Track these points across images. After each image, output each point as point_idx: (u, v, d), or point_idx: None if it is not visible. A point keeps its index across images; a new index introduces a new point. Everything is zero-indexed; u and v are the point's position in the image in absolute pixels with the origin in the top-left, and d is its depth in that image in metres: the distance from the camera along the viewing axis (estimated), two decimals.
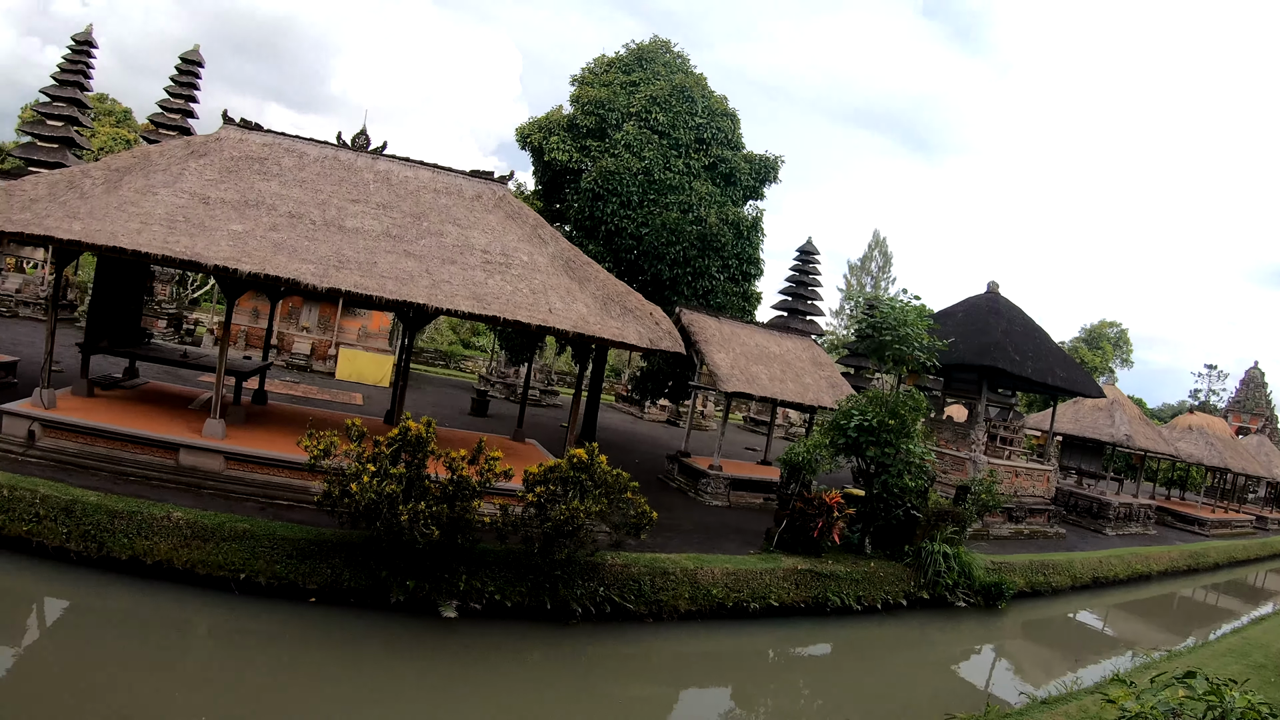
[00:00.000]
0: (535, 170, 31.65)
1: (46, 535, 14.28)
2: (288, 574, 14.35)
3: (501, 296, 17.06)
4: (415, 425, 14.02)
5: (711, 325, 26.51)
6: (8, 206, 16.23)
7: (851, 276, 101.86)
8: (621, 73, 31.47)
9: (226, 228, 16.60)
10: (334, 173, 19.22)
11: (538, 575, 15.37)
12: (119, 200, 16.70)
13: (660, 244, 27.49)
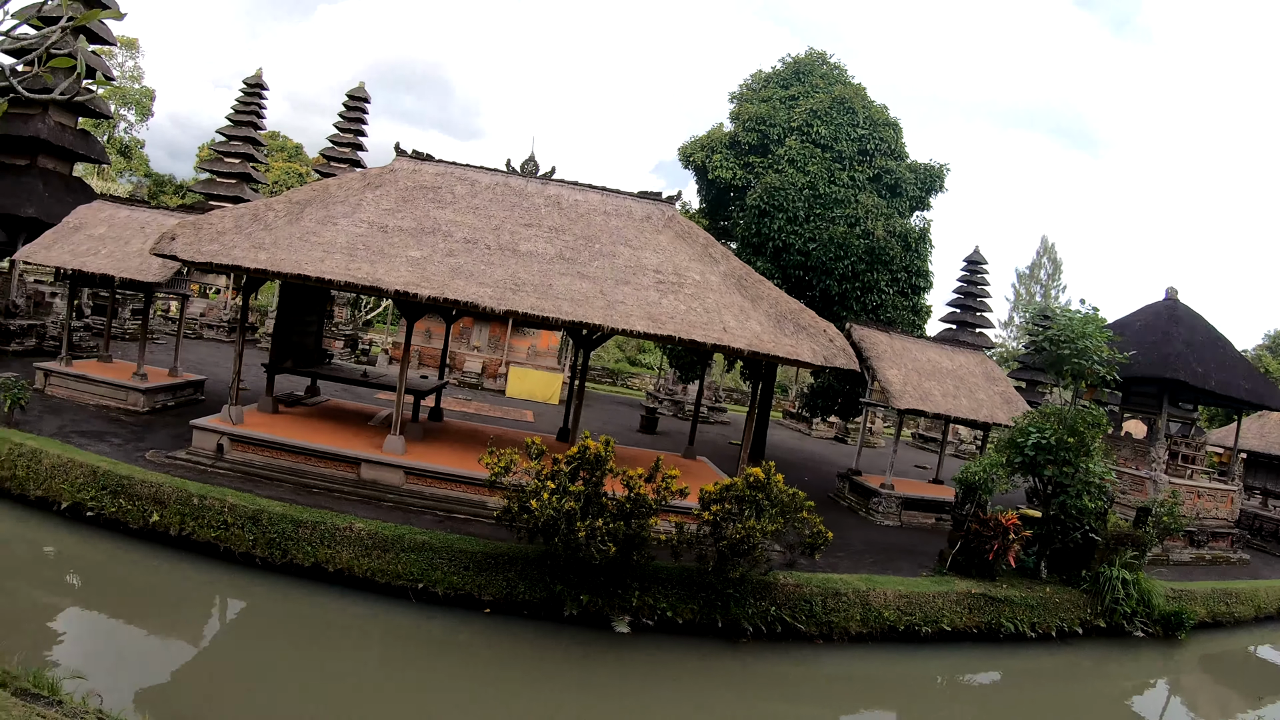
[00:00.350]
0: (699, 189, 31.78)
1: (234, 541, 15.31)
2: (464, 585, 14.85)
3: (676, 316, 17.17)
4: (594, 444, 14.21)
5: (883, 340, 25.99)
6: (197, 239, 17.36)
7: (1020, 285, 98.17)
8: (780, 87, 31.29)
9: (405, 254, 17.30)
10: (505, 198, 19.81)
11: (710, 593, 15.37)
12: (301, 231, 17.66)
13: (828, 259, 27.14)
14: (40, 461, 16.95)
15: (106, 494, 16.16)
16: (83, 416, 21.25)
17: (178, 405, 24.53)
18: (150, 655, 12.61)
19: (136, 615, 13.89)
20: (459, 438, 21.77)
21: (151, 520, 15.68)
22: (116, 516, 15.94)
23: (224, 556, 15.29)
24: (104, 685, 10.16)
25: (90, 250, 22.66)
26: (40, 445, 17.54)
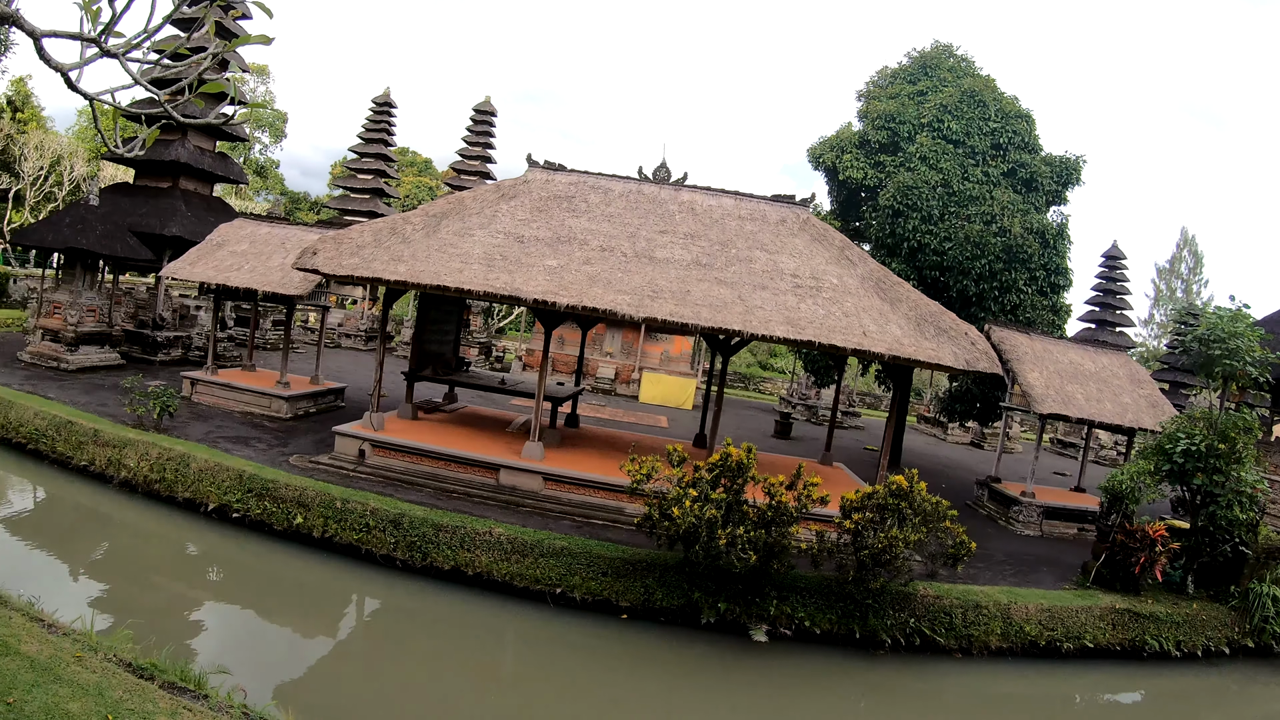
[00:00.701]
0: (829, 190, 31.38)
1: (375, 544, 15.79)
2: (602, 590, 14.95)
3: (815, 321, 16.95)
4: (736, 451, 14.08)
5: (1023, 342, 25.20)
6: (338, 253, 17.88)
7: (1160, 281, 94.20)
8: (907, 83, 30.73)
9: (542, 263, 17.50)
10: (639, 205, 19.86)
11: (848, 603, 15.11)
12: (439, 243, 18.01)
13: (965, 258, 26.48)
14: (189, 465, 17.75)
15: (252, 496, 16.85)
16: (228, 423, 22.10)
17: (319, 412, 25.36)
18: (291, 651, 13.08)
19: (279, 612, 14.42)
20: (595, 444, 21.95)
21: (295, 522, 16.27)
22: (261, 518, 16.61)
23: (365, 558, 15.77)
24: (244, 679, 10.53)
25: (234, 266, 23.60)
26: (188, 450, 18.39)
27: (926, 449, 35.89)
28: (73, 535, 16.80)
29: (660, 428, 31.97)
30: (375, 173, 53.80)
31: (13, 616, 9.99)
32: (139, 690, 8.73)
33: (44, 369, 26.29)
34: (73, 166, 57.82)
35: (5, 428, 20.38)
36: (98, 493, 18.34)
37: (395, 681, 12.34)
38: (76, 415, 20.40)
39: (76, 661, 9.10)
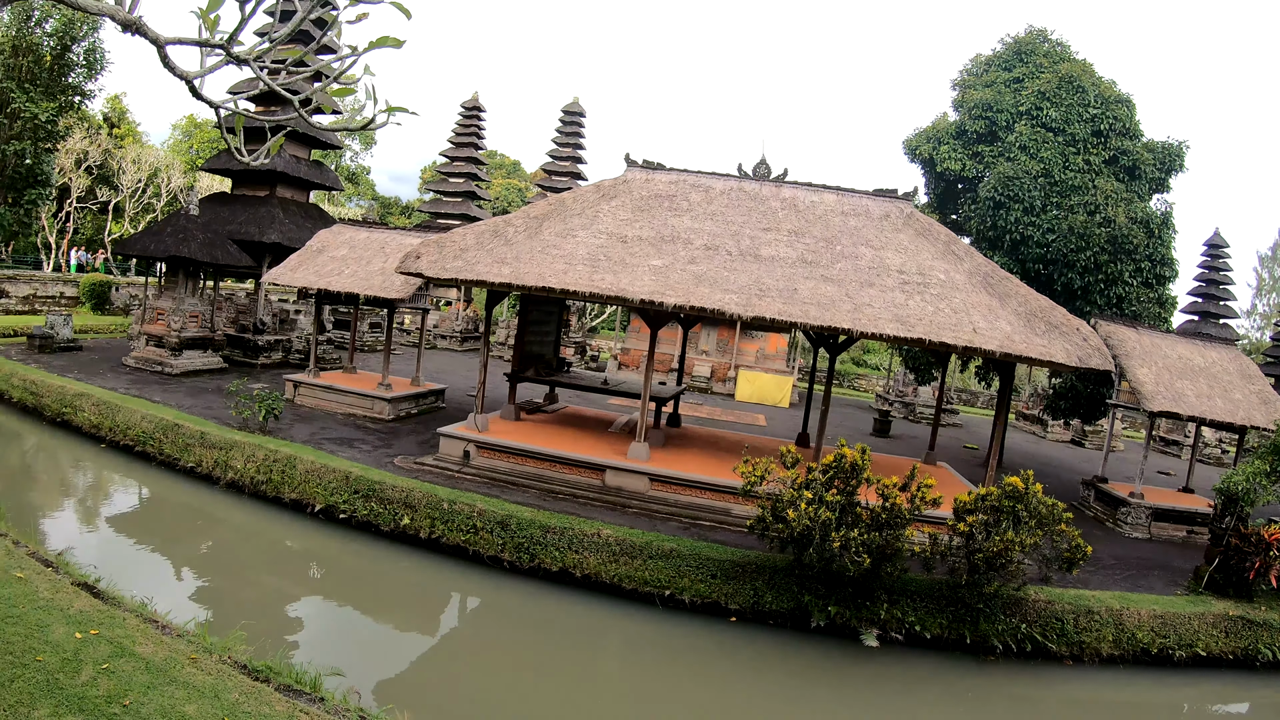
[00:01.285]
0: (926, 182, 30.89)
1: (482, 545, 15.89)
2: (711, 593, 14.82)
3: (924, 318, 16.63)
4: (850, 452, 13.86)
5: (1130, 337, 24.48)
6: (441, 256, 18.07)
7: (1262, 269, 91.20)
8: (1002, 70, 30.06)
9: (647, 263, 17.45)
10: (741, 203, 19.71)
11: (959, 607, 14.79)
12: (541, 244, 18.09)
13: (1068, 250, 25.85)
14: (295, 467, 18.11)
15: (359, 498, 17.09)
16: (331, 424, 22.51)
17: (420, 413, 25.68)
18: (398, 651, 13.23)
19: (386, 613, 14.59)
20: (698, 444, 21.86)
21: (402, 523, 16.46)
22: (368, 519, 16.83)
23: (472, 559, 15.89)
24: (353, 680, 10.73)
25: (334, 270, 24.02)
26: (294, 451, 18.78)
27: (1027, 447, 35.09)
28: (181, 535, 17.19)
29: (759, 426, 31.75)
30: (467, 176, 54.76)
31: (126, 618, 10.15)
32: (255, 693, 8.84)
33: (148, 373, 27.03)
34: (170, 178, 59.54)
35: (114, 430, 20.99)
36: (205, 493, 18.79)
37: (506, 684, 12.44)
38: (183, 418, 20.95)
39: (191, 663, 9.24)
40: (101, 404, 21.93)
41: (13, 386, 24.25)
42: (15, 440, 22.50)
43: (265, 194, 35.39)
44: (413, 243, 23.86)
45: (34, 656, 8.64)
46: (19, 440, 22.49)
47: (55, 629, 9.40)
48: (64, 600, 10.25)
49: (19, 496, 17.82)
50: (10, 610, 9.61)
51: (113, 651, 9.11)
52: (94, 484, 20.15)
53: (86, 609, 10.15)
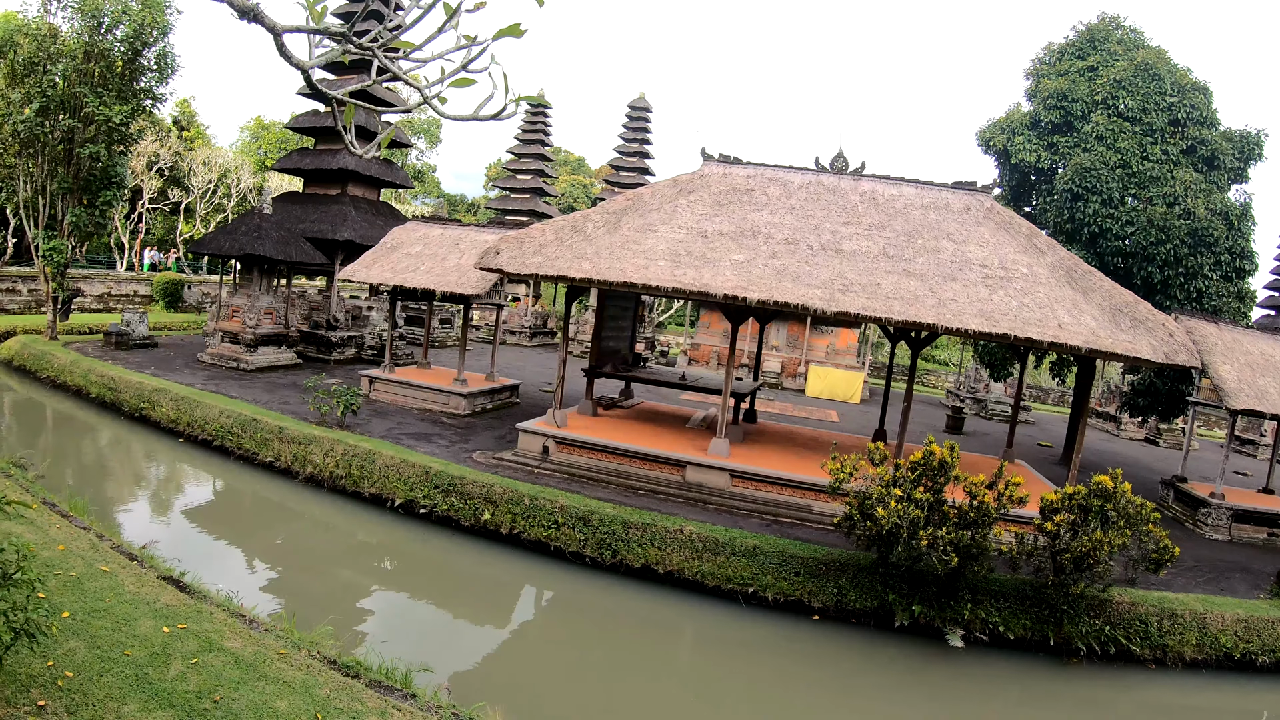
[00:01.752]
0: (999, 174, 30.39)
1: (564, 540, 15.96)
2: (794, 591, 14.74)
3: (1008, 313, 16.36)
4: (939, 450, 13.71)
5: (1212, 332, 23.89)
6: (520, 252, 18.16)
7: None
8: (1076, 58, 29.48)
9: (728, 258, 17.35)
10: (820, 197, 19.54)
11: (1042, 608, 14.52)
12: (621, 239, 18.08)
13: (1148, 243, 25.34)
14: (374, 462, 18.31)
15: (439, 493, 17.23)
16: (408, 419, 22.69)
17: (495, 408, 25.86)
18: (481, 646, 13.32)
19: (468, 607, 14.73)
20: (776, 440, 21.78)
21: (483, 518, 16.57)
22: (448, 514, 16.97)
23: (553, 555, 15.95)
24: (440, 675, 10.83)
25: (409, 267, 24.23)
26: (373, 446, 18.95)
27: (1100, 445, 34.47)
28: (261, 529, 17.52)
29: (832, 422, 31.57)
30: (534, 172, 55.38)
31: (213, 612, 10.28)
32: (346, 689, 8.89)
33: (224, 369, 27.54)
34: (239, 179, 60.57)
35: (192, 425, 21.40)
36: (283, 487, 19.13)
37: (590, 681, 12.44)
38: (261, 413, 21.27)
39: (280, 658, 9.33)
40: (179, 399, 22.34)
41: (91, 382, 24.84)
42: (95, 435, 23.02)
43: (337, 192, 35.93)
44: (487, 239, 24.12)
45: (122, 650, 8.78)
46: (99, 435, 23.00)
47: (143, 623, 9.53)
48: (150, 594, 10.42)
49: (101, 490, 18.37)
50: (98, 604, 9.75)
51: (201, 646, 9.23)
52: (173, 478, 20.58)
53: (173, 603, 10.28)
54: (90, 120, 27.78)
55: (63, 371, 26.16)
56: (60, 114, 27.62)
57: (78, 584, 10.24)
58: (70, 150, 28.36)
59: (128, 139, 29.37)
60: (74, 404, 24.85)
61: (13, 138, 27.80)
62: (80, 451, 21.78)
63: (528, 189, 54.79)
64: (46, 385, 26.36)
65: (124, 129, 28.27)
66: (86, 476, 19.26)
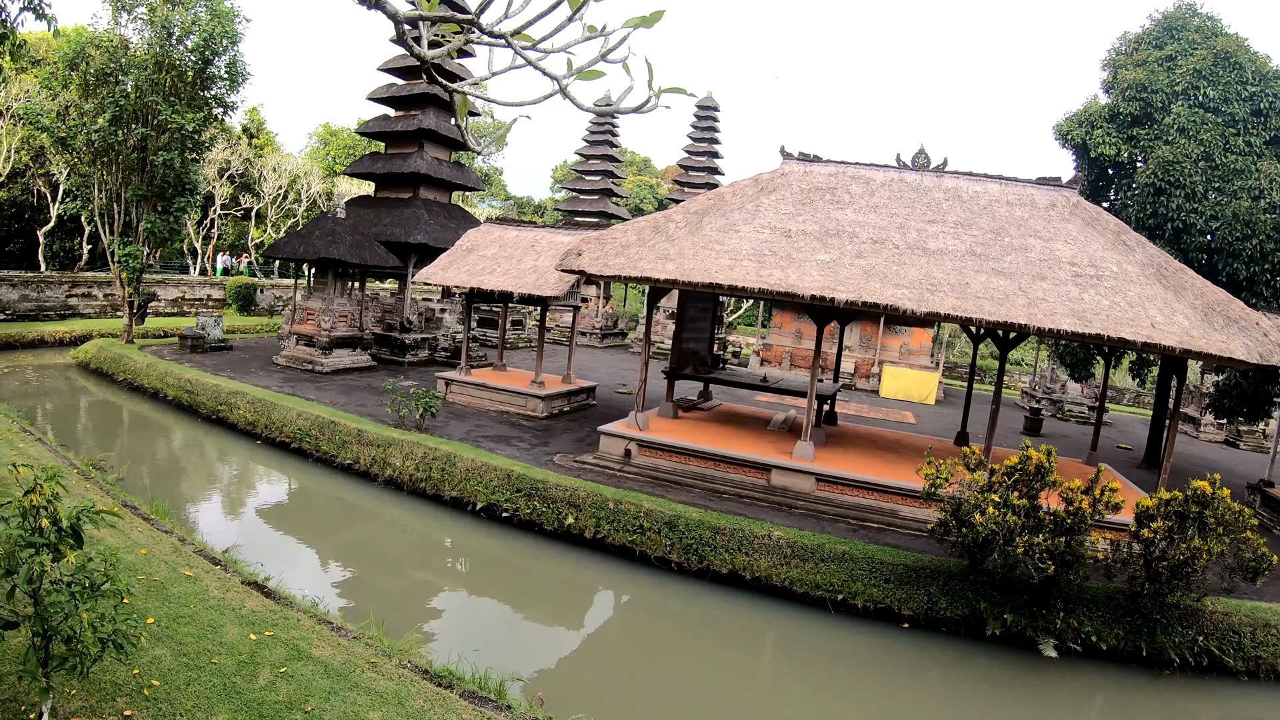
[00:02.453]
0: (1077, 168, 29.83)
1: (649, 545, 15.81)
2: (884, 598, 14.49)
3: (1100, 312, 15.98)
4: (1036, 454, 13.45)
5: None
6: (602, 253, 18.11)
7: None
8: (1153, 48, 28.81)
9: (813, 258, 17.18)
10: (904, 195, 19.29)
11: (1134, 617, 14.10)
12: (704, 240, 17.97)
13: (1234, 239, 24.71)
14: (455, 465, 18.33)
15: (521, 496, 17.20)
16: (485, 422, 22.79)
17: (572, 410, 25.90)
18: (570, 651, 13.24)
19: (554, 614, 14.65)
20: (857, 442, 21.55)
21: (566, 523, 16.50)
22: (530, 518, 16.93)
23: (639, 560, 15.84)
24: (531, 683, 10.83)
25: (486, 269, 24.29)
26: (454, 450, 18.96)
27: (1180, 447, 33.42)
28: (341, 532, 17.63)
29: (908, 424, 31.21)
30: (603, 173, 55.86)
31: (299, 618, 10.24)
32: (440, 700, 8.75)
33: (299, 371, 27.92)
34: (309, 184, 61.66)
35: (269, 427, 21.64)
36: (362, 490, 19.26)
37: (683, 690, 12.28)
38: (338, 415, 21.43)
39: (371, 667, 9.24)
40: (256, 401, 22.61)
41: (168, 385, 25.24)
42: (172, 437, 23.39)
43: (408, 196, 36.35)
44: (564, 240, 24.22)
45: (209, 659, 8.74)
46: (176, 437, 23.38)
47: (228, 630, 9.52)
48: (235, 599, 10.43)
49: (179, 492, 18.55)
50: (182, 610, 9.76)
51: (289, 654, 9.19)
52: (252, 480, 20.75)
53: (258, 609, 10.29)
54: (163, 128, 28.39)
55: (139, 374, 26.61)
56: (133, 123, 28.21)
57: (161, 589, 10.29)
58: (144, 158, 28.96)
59: (200, 146, 29.93)
60: (151, 406, 25.27)
61: (87, 147, 28.39)
62: (158, 453, 22.07)
63: (596, 190, 55.23)
64: (123, 387, 26.83)
65: (196, 136, 28.82)
66: (165, 479, 19.44)
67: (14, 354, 31.30)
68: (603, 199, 55.07)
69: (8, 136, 39.86)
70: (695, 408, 23.56)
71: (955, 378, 53.94)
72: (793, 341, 45.10)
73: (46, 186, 42.71)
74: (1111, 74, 29.13)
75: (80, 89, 28.19)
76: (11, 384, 26.65)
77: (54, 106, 29.15)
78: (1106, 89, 29.16)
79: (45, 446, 16.61)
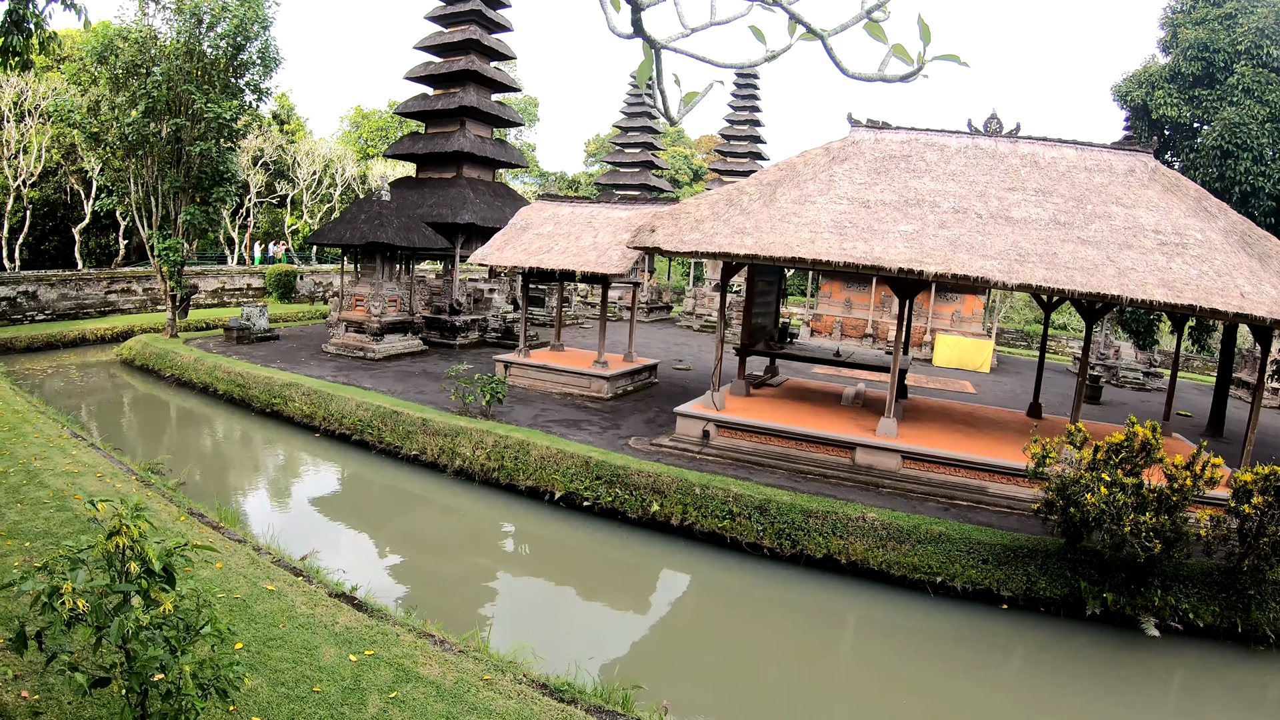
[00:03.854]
0: (1137, 131, 29.49)
1: (740, 532, 15.57)
2: (982, 579, 14.31)
3: (1189, 282, 15.67)
4: (1142, 430, 13.31)
5: None
6: (677, 229, 17.89)
7: None
8: (1212, 5, 28.30)
9: (895, 229, 16.96)
10: (980, 162, 19.01)
11: (1229, 594, 13.94)
12: (780, 212, 17.76)
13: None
14: (528, 452, 18.11)
15: (601, 484, 16.96)
16: (550, 405, 22.62)
17: (635, 390, 25.79)
18: (677, 649, 13.04)
19: (650, 607, 14.50)
20: (933, 416, 21.32)
21: (651, 510, 16.24)
22: (613, 506, 16.69)
23: (728, 547, 15.60)
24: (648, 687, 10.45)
25: (543, 248, 24.01)
26: (526, 436, 18.77)
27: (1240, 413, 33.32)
28: (418, 530, 17.43)
29: (968, 394, 30.86)
30: (643, 145, 55.83)
31: (399, 634, 9.83)
32: (565, 717, 8.43)
33: (350, 359, 27.90)
34: (343, 168, 61.72)
35: (328, 419, 21.52)
36: (433, 482, 19.06)
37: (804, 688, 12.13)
38: (400, 405, 21.24)
39: (486, 685, 8.82)
40: (312, 393, 22.54)
41: (217, 379, 25.23)
42: (228, 433, 23.36)
43: (452, 175, 36.18)
44: (621, 216, 24.09)
45: (310, 687, 8.33)
46: (232, 433, 23.36)
47: (325, 651, 9.08)
48: (325, 615, 10.01)
49: (242, 494, 18.44)
50: (271, 631, 9.38)
51: (396, 676, 8.78)
52: (316, 476, 20.56)
53: (352, 625, 9.87)
54: (199, 118, 28.33)
55: (187, 369, 26.57)
56: (166, 114, 28.18)
57: (245, 607, 9.91)
58: (179, 150, 28.95)
59: (235, 135, 29.88)
60: (200, 401, 25.25)
61: (120, 141, 28.34)
62: (214, 452, 21.91)
63: (637, 163, 55.22)
64: (171, 383, 26.89)
65: (232, 125, 28.79)
66: (225, 480, 19.28)
67: (57, 354, 31.28)
68: (643, 171, 54.90)
69: (38, 135, 39.84)
70: (764, 384, 23.36)
71: (1002, 344, 53.52)
72: (843, 311, 44.90)
73: (80, 183, 42.67)
74: (1170, 33, 28.66)
75: (110, 83, 28.16)
76: (56, 384, 26.61)
77: (84, 102, 28.96)
78: (1165, 48, 28.70)
79: (99, 452, 16.32)
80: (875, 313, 44.73)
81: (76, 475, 14.35)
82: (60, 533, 11.62)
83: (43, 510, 12.51)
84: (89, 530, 11.63)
